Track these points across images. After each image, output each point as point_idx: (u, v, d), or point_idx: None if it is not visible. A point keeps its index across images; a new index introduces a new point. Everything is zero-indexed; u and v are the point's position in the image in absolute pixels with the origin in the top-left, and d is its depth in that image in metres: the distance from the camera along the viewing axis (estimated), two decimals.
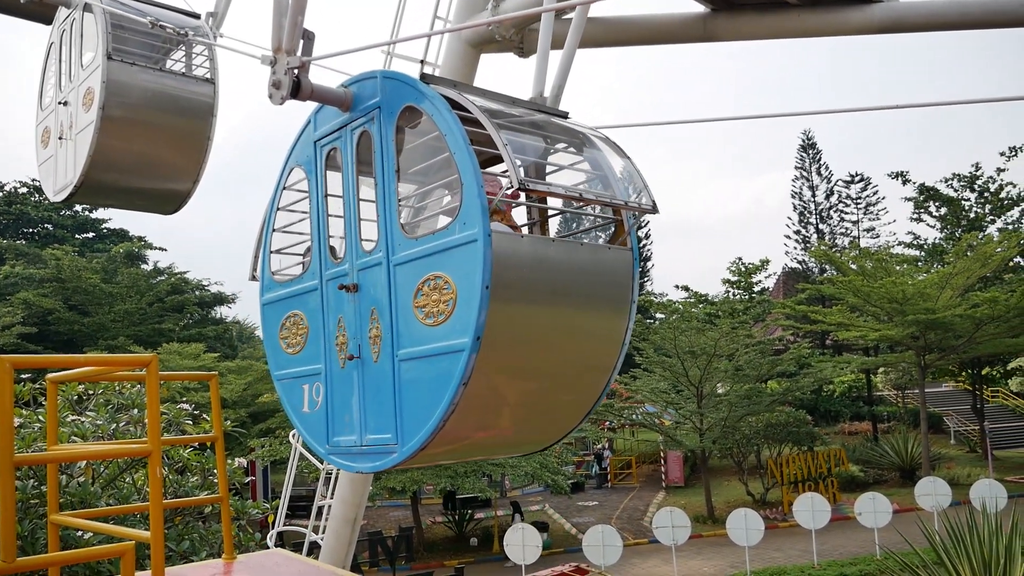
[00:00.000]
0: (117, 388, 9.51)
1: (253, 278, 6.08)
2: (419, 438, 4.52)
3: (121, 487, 8.66)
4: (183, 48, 10.19)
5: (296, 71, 4.83)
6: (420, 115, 4.75)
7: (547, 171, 5.30)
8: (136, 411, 8.98)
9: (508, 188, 4.55)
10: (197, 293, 52.46)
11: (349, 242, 5.16)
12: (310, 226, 5.50)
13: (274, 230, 5.92)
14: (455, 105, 4.58)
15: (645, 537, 28.65)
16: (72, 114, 9.83)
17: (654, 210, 5.01)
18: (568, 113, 5.55)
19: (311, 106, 5.45)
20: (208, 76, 10.12)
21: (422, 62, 9.37)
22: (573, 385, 5.08)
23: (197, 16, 10.38)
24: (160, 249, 54.05)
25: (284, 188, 5.80)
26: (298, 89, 4.85)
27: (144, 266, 51.10)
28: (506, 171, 5.06)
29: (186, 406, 9.68)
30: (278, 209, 5.85)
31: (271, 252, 5.95)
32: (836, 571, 22.09)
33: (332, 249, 5.38)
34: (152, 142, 9.77)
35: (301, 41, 4.88)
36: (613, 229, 5.36)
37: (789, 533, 27.86)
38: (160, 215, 11.26)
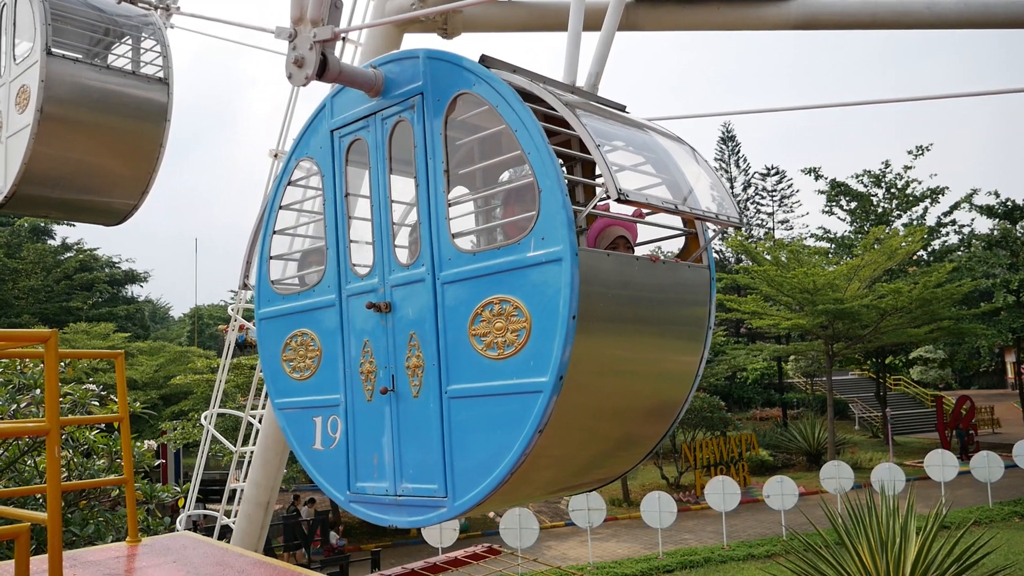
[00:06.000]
0: (18, 368, 9.15)
1: (245, 286, 5.34)
2: (478, 492, 3.86)
3: (22, 470, 8.37)
4: (129, 42, 9.05)
5: (323, 46, 4.10)
6: (477, 105, 4.03)
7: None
8: (38, 392, 8.66)
9: (602, 198, 3.81)
10: (107, 270, 50.73)
11: (380, 252, 4.42)
12: (325, 230, 4.70)
13: (275, 232, 5.11)
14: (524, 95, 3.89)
15: (562, 520, 29.03)
16: (3, 114, 8.68)
17: (740, 223, 4.41)
18: (625, 106, 4.86)
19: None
20: (161, 75, 8.99)
21: (344, 39, 9.23)
22: (646, 422, 4.50)
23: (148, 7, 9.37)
24: (68, 224, 51.96)
25: (289, 183, 5.01)
26: (324, 68, 4.11)
27: (51, 241, 49.04)
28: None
29: (92, 387, 9.37)
30: (280, 207, 5.07)
31: (270, 257, 5.14)
32: (744, 552, 22.79)
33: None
34: (96, 151, 8.64)
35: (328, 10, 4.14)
36: (684, 243, 4.71)
37: (701, 515, 28.61)
38: (101, 226, 9.99)
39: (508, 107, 3.82)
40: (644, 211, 4.51)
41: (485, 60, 4.08)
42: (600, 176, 4.89)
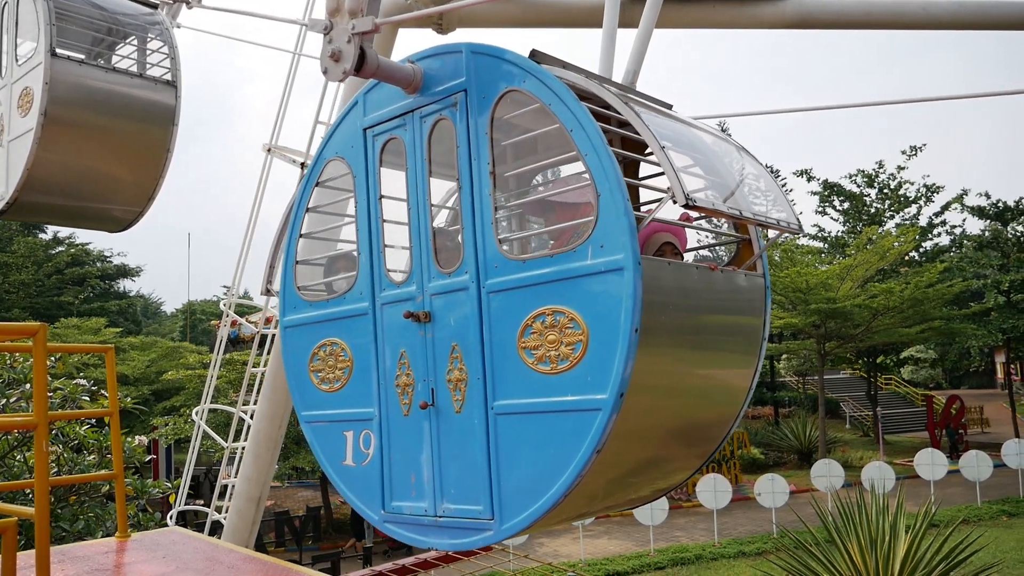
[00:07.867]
0: (8, 362, 9.11)
1: (267, 292, 5.09)
2: (529, 515, 3.64)
3: (11, 464, 8.34)
4: (134, 42, 8.72)
5: (362, 38, 3.86)
6: (526, 103, 3.76)
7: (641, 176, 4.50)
8: (28, 386, 8.62)
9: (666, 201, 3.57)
10: (99, 265, 50.53)
11: (418, 259, 4.15)
12: (356, 234, 4.44)
13: (301, 235, 4.82)
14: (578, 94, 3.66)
15: None
16: (4, 117, 8.35)
17: (800, 229, 4.22)
18: (672, 105, 4.64)
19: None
20: (168, 77, 8.67)
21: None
22: (697, 441, 4.29)
23: (155, 6, 9.09)
24: None
25: (317, 184, 4.72)
26: (363, 62, 3.85)
27: (42, 235, 48.81)
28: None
29: (83, 382, 9.33)
30: (307, 210, 4.79)
31: (296, 262, 4.85)
32: (735, 549, 22.86)
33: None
34: (102, 156, 8.30)
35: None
36: (736, 250, 4.55)
37: (692, 513, 28.67)
38: (105, 232, 9.61)
39: (563, 105, 3.59)
40: (693, 215, 4.31)
41: (536, 55, 3.85)
42: (648, 178, 4.68)
